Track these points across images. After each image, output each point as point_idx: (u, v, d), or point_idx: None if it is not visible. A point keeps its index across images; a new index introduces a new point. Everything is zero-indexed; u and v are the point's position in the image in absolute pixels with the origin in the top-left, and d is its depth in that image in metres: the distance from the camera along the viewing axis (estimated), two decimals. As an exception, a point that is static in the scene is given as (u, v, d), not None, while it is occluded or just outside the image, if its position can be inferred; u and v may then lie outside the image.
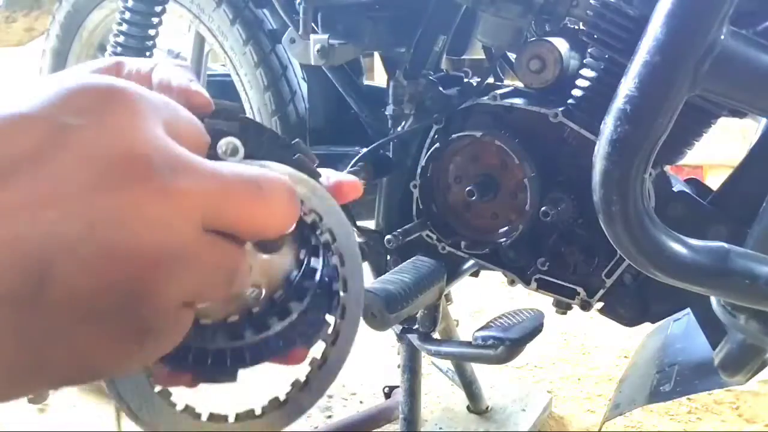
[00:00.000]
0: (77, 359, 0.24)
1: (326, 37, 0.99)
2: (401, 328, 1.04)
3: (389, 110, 1.03)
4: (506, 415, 1.55)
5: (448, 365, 1.62)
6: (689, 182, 0.91)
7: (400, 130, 1.03)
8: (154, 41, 1.25)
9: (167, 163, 0.24)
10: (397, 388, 1.45)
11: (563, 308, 0.95)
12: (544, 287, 0.95)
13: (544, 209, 0.88)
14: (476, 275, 1.14)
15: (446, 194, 1.00)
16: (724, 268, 0.64)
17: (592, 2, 0.78)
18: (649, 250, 0.65)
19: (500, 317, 0.94)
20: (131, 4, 1.19)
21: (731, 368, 0.79)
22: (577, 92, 0.86)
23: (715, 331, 0.82)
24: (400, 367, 1.24)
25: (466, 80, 1.09)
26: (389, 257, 1.05)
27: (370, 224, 1.09)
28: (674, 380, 0.94)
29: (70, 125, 0.24)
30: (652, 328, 1.14)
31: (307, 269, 0.38)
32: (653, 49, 0.62)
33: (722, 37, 0.61)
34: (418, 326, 1.03)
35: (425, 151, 0.99)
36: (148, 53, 1.26)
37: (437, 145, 0.97)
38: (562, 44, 0.89)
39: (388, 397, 1.51)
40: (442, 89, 1.01)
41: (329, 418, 1.58)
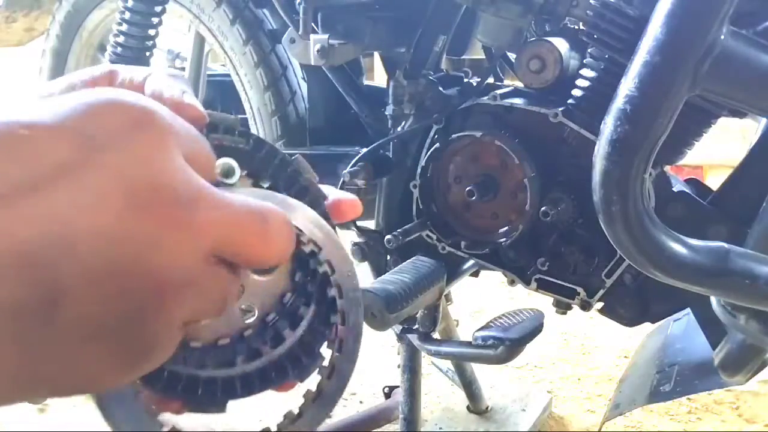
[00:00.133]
0: (74, 374, 0.25)
1: (326, 37, 0.99)
2: (401, 328, 1.04)
3: (389, 110, 1.03)
4: (506, 415, 1.55)
5: (448, 365, 1.62)
6: (689, 182, 0.91)
7: (400, 130, 1.03)
8: (154, 41, 1.25)
9: (189, 194, 0.25)
10: (397, 388, 1.45)
11: (563, 308, 0.95)
12: (544, 287, 0.95)
13: (544, 209, 0.88)
14: (476, 275, 1.14)
15: (446, 194, 1.00)
16: (724, 268, 0.64)
17: (592, 2, 0.78)
18: (649, 250, 0.65)
19: (500, 317, 0.94)
20: (131, 4, 1.19)
21: (731, 368, 0.79)
22: (577, 92, 0.86)
23: (715, 331, 0.82)
24: (400, 367, 1.24)
25: (466, 80, 1.09)
26: (389, 257, 1.05)
27: (370, 224, 1.09)
28: (674, 380, 0.94)
29: (99, 144, 0.24)
30: (652, 328, 1.14)
31: (302, 295, 0.38)
32: (653, 49, 0.62)
33: (722, 37, 0.62)
34: (418, 326, 1.03)
35: (425, 151, 0.99)
36: (148, 53, 1.26)
37: (437, 145, 0.97)
38: (562, 44, 0.89)
39: (388, 397, 1.51)
40: (442, 89, 1.01)
41: (329, 418, 1.58)
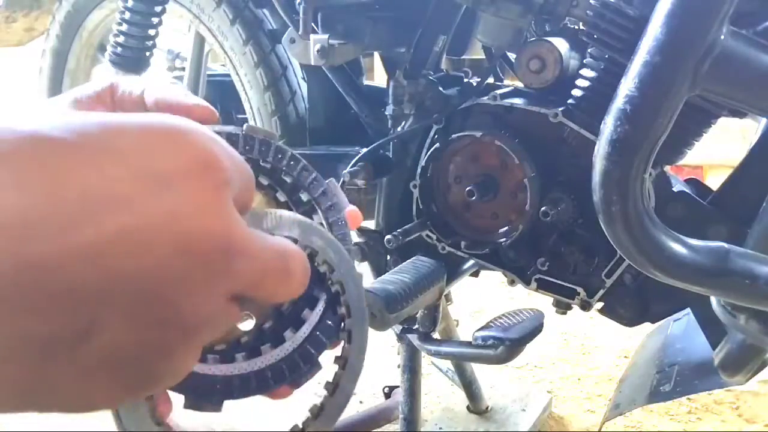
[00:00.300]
0: (85, 396, 0.25)
1: (326, 37, 0.99)
2: (401, 328, 1.04)
3: (389, 110, 1.03)
4: (506, 415, 1.55)
5: (448, 365, 1.61)
6: (689, 182, 0.91)
7: (400, 130, 1.03)
8: (154, 41, 1.25)
9: (232, 246, 0.26)
10: (397, 388, 1.45)
11: (563, 308, 0.95)
12: (544, 287, 0.95)
13: (544, 209, 0.88)
14: (476, 275, 1.14)
15: (446, 194, 1.00)
16: (724, 268, 0.64)
17: (592, 2, 0.78)
18: (649, 250, 0.65)
19: (500, 317, 0.94)
20: (131, 4, 1.19)
21: (731, 368, 0.79)
22: (577, 92, 0.86)
23: (715, 331, 0.82)
24: (400, 367, 1.24)
25: (466, 80, 1.09)
26: (389, 257, 1.05)
27: (370, 224, 1.09)
28: (674, 380, 0.94)
29: (160, 182, 0.24)
30: (652, 328, 1.14)
31: (303, 300, 0.38)
32: (653, 49, 0.62)
33: (722, 37, 0.62)
34: (418, 326, 1.03)
35: (425, 151, 0.99)
36: (148, 53, 1.26)
37: (437, 145, 0.97)
38: (562, 44, 0.89)
39: (388, 397, 1.51)
40: (442, 89, 1.01)
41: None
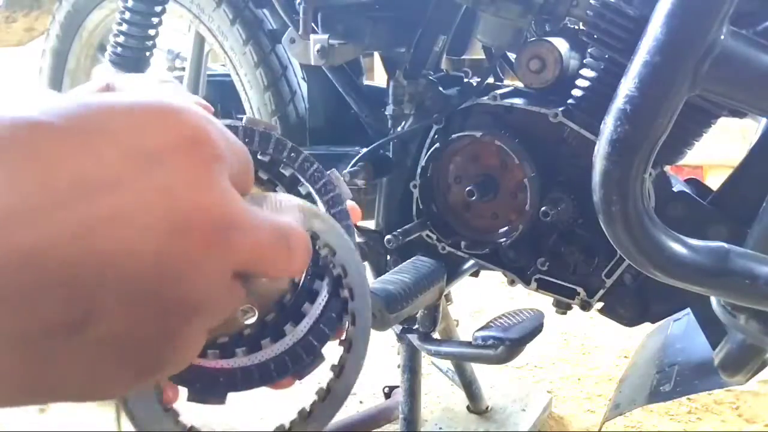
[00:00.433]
0: (95, 384, 0.25)
1: (326, 37, 0.99)
2: (401, 328, 1.04)
3: (389, 110, 1.03)
4: (506, 415, 1.55)
5: (448, 365, 1.61)
6: (689, 182, 0.91)
7: (400, 130, 1.03)
8: (154, 41, 1.25)
9: (229, 219, 0.26)
10: (397, 388, 1.45)
11: (563, 308, 0.95)
12: (544, 287, 0.95)
13: (544, 209, 0.88)
14: (476, 275, 1.14)
15: (446, 194, 1.00)
16: (724, 268, 0.64)
17: (592, 2, 0.78)
18: (649, 250, 0.65)
19: (500, 317, 0.94)
20: (131, 4, 1.19)
21: (731, 368, 0.79)
22: (577, 92, 0.86)
23: (715, 331, 0.82)
24: (400, 367, 1.24)
25: (466, 80, 1.09)
26: (389, 257, 1.05)
27: (370, 224, 1.09)
28: (674, 380, 0.94)
29: (150, 158, 0.24)
30: (652, 328, 1.14)
31: (304, 293, 0.38)
32: (653, 49, 0.62)
33: (722, 37, 0.62)
34: (418, 326, 1.03)
35: (425, 151, 0.99)
36: (148, 53, 1.26)
37: (437, 145, 0.97)
38: (562, 44, 0.89)
39: (388, 397, 1.51)
40: (442, 89, 1.01)
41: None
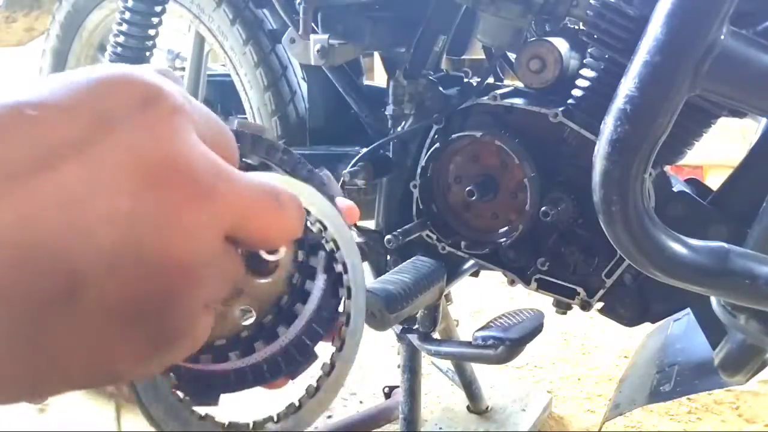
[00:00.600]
0: (98, 363, 0.24)
1: (326, 37, 0.99)
2: (401, 328, 1.04)
3: (389, 110, 1.03)
4: (506, 415, 1.55)
5: (448, 365, 1.62)
6: (689, 182, 0.91)
7: (400, 130, 1.03)
8: (154, 41, 1.25)
9: (206, 171, 0.24)
10: (397, 388, 1.45)
11: (563, 308, 0.95)
12: (544, 287, 0.95)
13: (544, 209, 0.88)
14: (476, 275, 1.14)
15: (446, 194, 1.00)
16: (724, 268, 0.64)
17: (592, 2, 0.78)
18: (649, 250, 0.65)
19: (500, 317, 0.94)
20: (131, 4, 1.19)
21: (731, 368, 0.79)
22: (577, 92, 0.86)
23: (715, 331, 0.82)
24: (400, 367, 1.24)
25: (466, 80, 1.09)
26: (389, 257, 1.05)
27: (370, 224, 1.09)
28: (674, 380, 0.94)
29: (110, 121, 0.23)
30: (652, 328, 1.14)
31: (300, 294, 0.38)
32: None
33: (722, 37, 0.62)
34: (418, 326, 1.03)
35: (425, 151, 0.99)
36: (148, 53, 1.26)
37: (437, 145, 0.97)
38: (562, 44, 0.89)
39: (388, 397, 1.51)
40: (442, 89, 1.01)
41: (329, 418, 1.57)
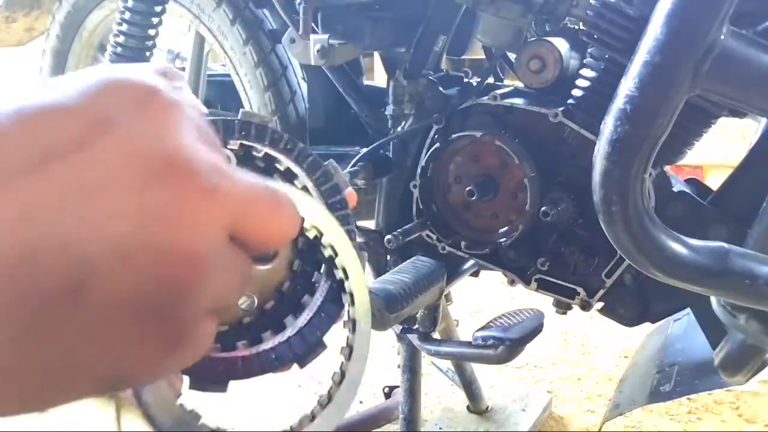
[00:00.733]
0: (109, 364, 0.24)
1: (326, 37, 0.99)
2: (401, 328, 1.04)
3: (389, 110, 1.03)
4: (506, 415, 1.55)
5: (448, 365, 1.62)
6: (689, 182, 0.91)
7: (400, 130, 1.03)
8: (154, 41, 1.25)
9: (206, 166, 0.24)
10: (397, 388, 1.45)
11: (563, 308, 0.95)
12: (544, 287, 0.95)
13: (544, 209, 0.88)
14: (476, 275, 1.14)
15: (446, 194, 1.00)
16: (724, 268, 0.64)
17: (592, 2, 0.78)
18: (649, 250, 0.65)
19: (500, 317, 0.94)
20: (131, 4, 1.19)
21: (731, 368, 0.79)
22: (577, 92, 0.86)
23: (715, 331, 0.82)
24: (400, 367, 1.24)
25: (466, 80, 1.09)
26: (389, 257, 1.05)
27: (370, 224, 1.09)
28: (674, 380, 0.94)
29: (112, 118, 0.23)
30: (652, 328, 1.14)
31: (305, 284, 0.38)
32: (653, 49, 0.62)
33: (722, 37, 0.62)
34: (418, 326, 1.03)
35: (425, 151, 0.99)
36: (148, 53, 1.26)
37: (437, 145, 0.97)
38: (562, 44, 0.89)
39: (388, 397, 1.51)
40: (442, 89, 1.01)
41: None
